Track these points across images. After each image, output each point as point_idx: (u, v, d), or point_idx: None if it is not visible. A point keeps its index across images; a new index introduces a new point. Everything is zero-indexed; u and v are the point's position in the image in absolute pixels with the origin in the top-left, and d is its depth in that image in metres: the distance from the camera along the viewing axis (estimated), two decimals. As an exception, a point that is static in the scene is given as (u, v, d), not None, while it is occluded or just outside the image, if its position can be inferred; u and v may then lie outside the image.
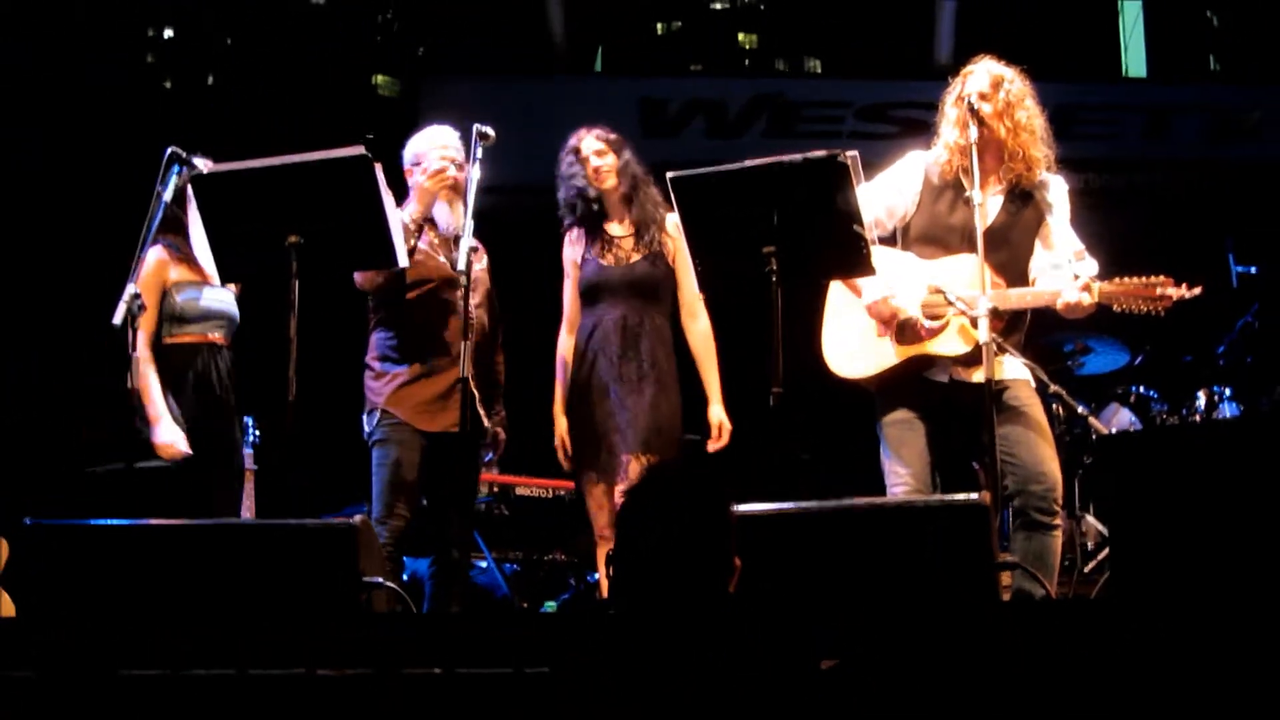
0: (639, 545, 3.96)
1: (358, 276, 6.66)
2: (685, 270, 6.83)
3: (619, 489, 6.64)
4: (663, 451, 6.71)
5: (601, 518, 6.83)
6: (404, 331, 6.72)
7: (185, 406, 6.89)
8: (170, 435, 6.78)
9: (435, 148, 6.79)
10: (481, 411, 6.63)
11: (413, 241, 6.57)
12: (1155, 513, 4.67)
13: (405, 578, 7.65)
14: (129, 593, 5.09)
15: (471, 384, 6.23)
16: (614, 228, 7.03)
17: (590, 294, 6.98)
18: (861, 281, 6.20)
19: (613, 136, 7.05)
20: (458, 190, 6.75)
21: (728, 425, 6.92)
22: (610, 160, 6.98)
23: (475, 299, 6.63)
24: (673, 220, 6.68)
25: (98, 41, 14.05)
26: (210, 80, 15.51)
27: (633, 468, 6.64)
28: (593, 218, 7.03)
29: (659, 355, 6.86)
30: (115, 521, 5.32)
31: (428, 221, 6.74)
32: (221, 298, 7.04)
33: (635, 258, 6.94)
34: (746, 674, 3.65)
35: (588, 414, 6.86)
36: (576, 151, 7.02)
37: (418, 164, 6.78)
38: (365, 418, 6.75)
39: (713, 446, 6.92)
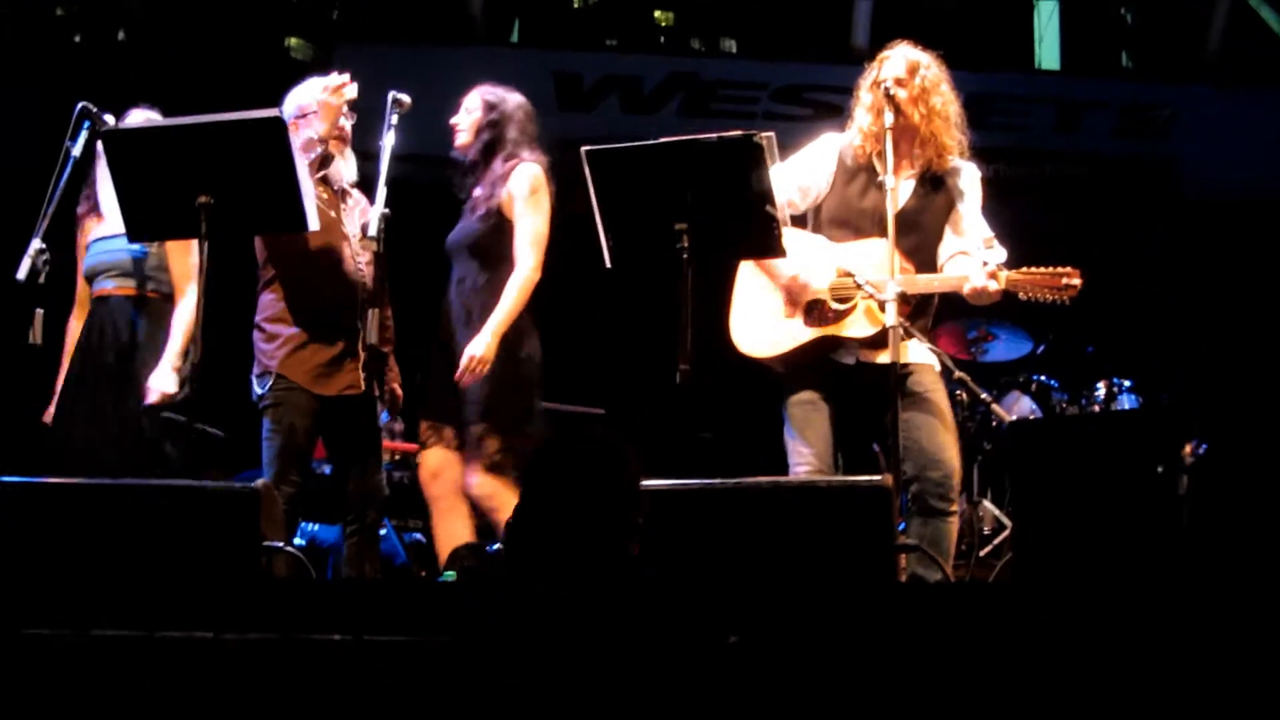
0: (543, 510, 3.97)
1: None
2: (518, 218, 6.68)
3: (454, 455, 6.58)
4: (509, 415, 6.57)
5: (425, 475, 6.76)
6: (295, 292, 6.64)
7: (91, 364, 6.80)
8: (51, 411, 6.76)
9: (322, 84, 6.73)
10: (363, 374, 6.58)
11: (319, 152, 6.60)
12: (1059, 498, 4.74)
13: (303, 543, 7.62)
14: (26, 554, 5.04)
15: (367, 351, 6.27)
16: (477, 184, 6.87)
17: (448, 257, 6.87)
18: (772, 261, 6.22)
19: (490, 99, 6.92)
20: (347, 141, 6.72)
21: (476, 359, 6.46)
22: (477, 119, 6.87)
23: (365, 257, 6.63)
24: (517, 171, 6.70)
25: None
26: (121, 36, 15.32)
27: (468, 435, 6.55)
28: (466, 179, 6.93)
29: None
30: (9, 479, 5.27)
31: (321, 180, 6.69)
32: (116, 247, 6.90)
33: (475, 215, 6.77)
34: (651, 644, 3.67)
35: (435, 379, 6.76)
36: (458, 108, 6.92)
37: (303, 115, 6.68)
38: (255, 380, 6.63)
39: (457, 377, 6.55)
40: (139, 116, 6.92)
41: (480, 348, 6.46)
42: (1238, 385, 11.85)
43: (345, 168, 6.73)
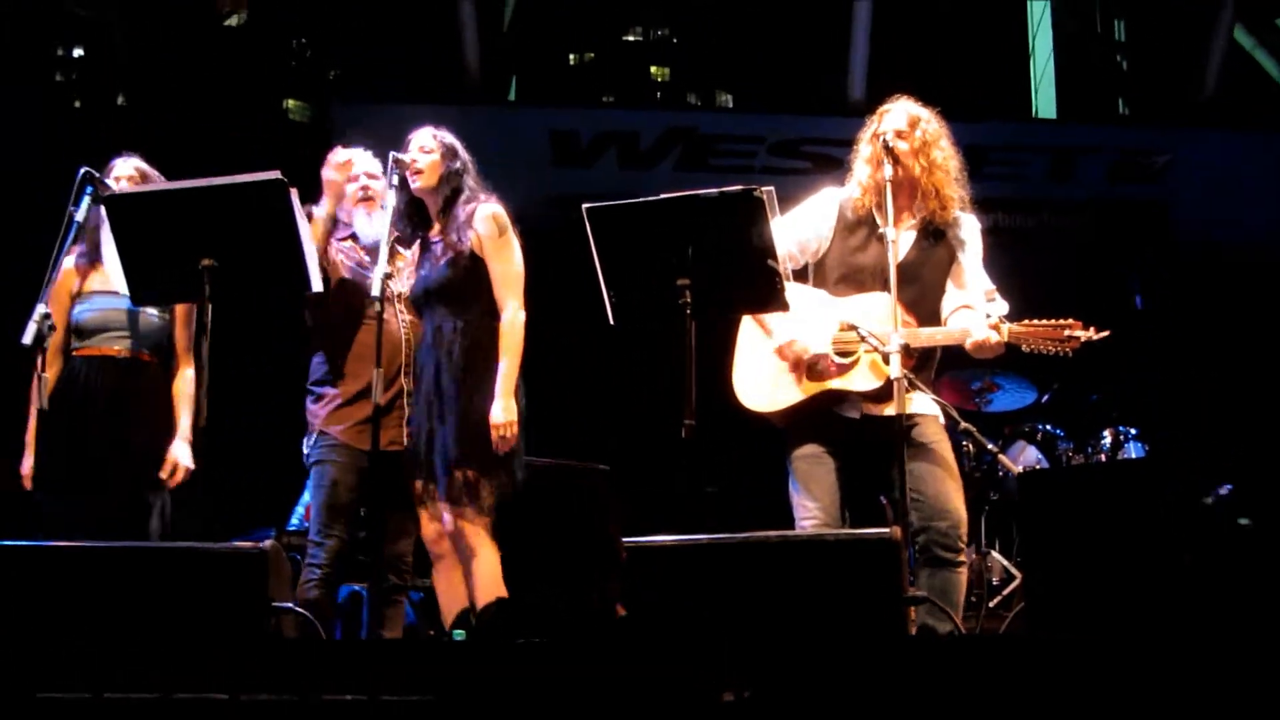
0: (523, 565, 3.98)
1: None
2: (491, 259, 6.53)
3: (444, 507, 6.52)
4: (488, 456, 6.39)
5: (431, 534, 6.59)
6: (336, 352, 6.68)
7: (84, 421, 6.78)
8: (27, 466, 6.72)
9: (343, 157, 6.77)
10: (407, 430, 6.60)
11: (324, 229, 6.61)
12: (1069, 547, 4.74)
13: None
14: (36, 616, 5.04)
15: (398, 410, 6.31)
16: (433, 230, 6.70)
17: (415, 306, 6.71)
18: (771, 319, 6.24)
19: (447, 140, 6.73)
20: (377, 201, 6.72)
21: (502, 428, 6.33)
22: (435, 160, 6.65)
23: (405, 312, 6.69)
24: (479, 211, 6.55)
25: (5, 60, 13.93)
26: (120, 101, 15.39)
27: (450, 483, 6.37)
28: (418, 226, 6.74)
29: (474, 359, 6.47)
30: (13, 543, 5.27)
31: (351, 237, 6.74)
32: (120, 309, 6.87)
33: (442, 260, 6.58)
34: (645, 704, 3.67)
35: (416, 431, 6.60)
36: (406, 147, 6.71)
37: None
38: (305, 441, 6.70)
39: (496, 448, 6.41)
40: (126, 166, 6.93)
41: (501, 414, 6.35)
42: (1231, 428, 11.85)
43: (375, 226, 6.69)
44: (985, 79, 16.72)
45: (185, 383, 6.83)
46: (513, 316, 6.49)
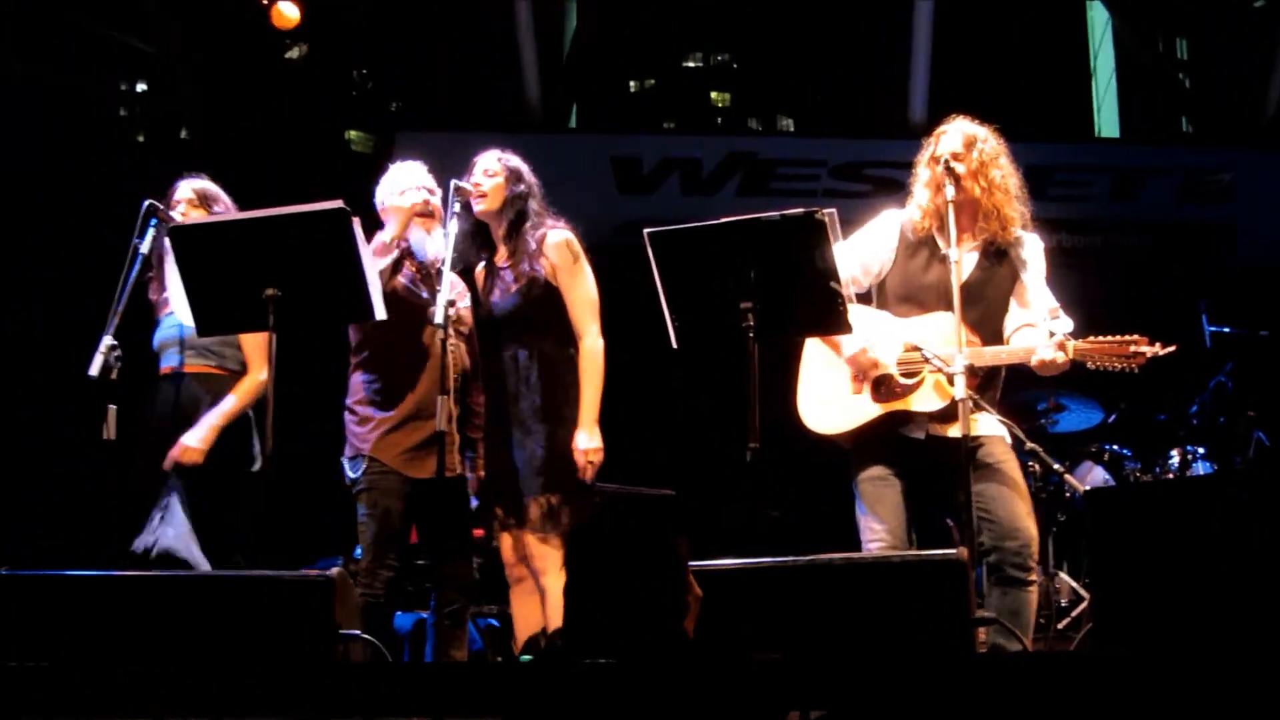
0: (591, 591, 3.97)
1: None
2: (566, 287, 6.64)
3: (526, 533, 6.53)
4: (566, 488, 6.48)
5: (510, 558, 6.67)
6: (383, 373, 6.66)
7: (148, 437, 6.83)
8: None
9: (404, 178, 6.80)
10: (460, 458, 6.63)
11: (394, 256, 6.63)
12: (1138, 566, 4.70)
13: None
14: (103, 643, 5.08)
15: (450, 436, 6.30)
16: (498, 255, 6.79)
17: (484, 332, 6.78)
18: (839, 336, 6.23)
19: (511, 164, 6.80)
20: (435, 217, 6.73)
21: (590, 454, 6.48)
22: (500, 183, 6.72)
23: (458, 337, 6.67)
24: (550, 238, 6.65)
25: (70, 95, 14.04)
26: (183, 134, 15.49)
27: (533, 510, 6.46)
28: (481, 250, 6.83)
29: (553, 387, 6.57)
30: (89, 573, 5.31)
31: (407, 255, 6.74)
32: (173, 324, 6.92)
33: (514, 287, 6.65)
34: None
35: (491, 458, 6.70)
36: (470, 169, 6.77)
37: (382, 210, 6.75)
38: (347, 463, 6.65)
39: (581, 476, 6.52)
40: (185, 189, 6.99)
41: (588, 441, 6.48)
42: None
43: (431, 243, 6.70)
44: (1047, 100, 16.67)
45: (245, 383, 6.90)
46: (593, 344, 6.59)
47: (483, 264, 6.84)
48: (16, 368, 11.50)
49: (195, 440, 6.71)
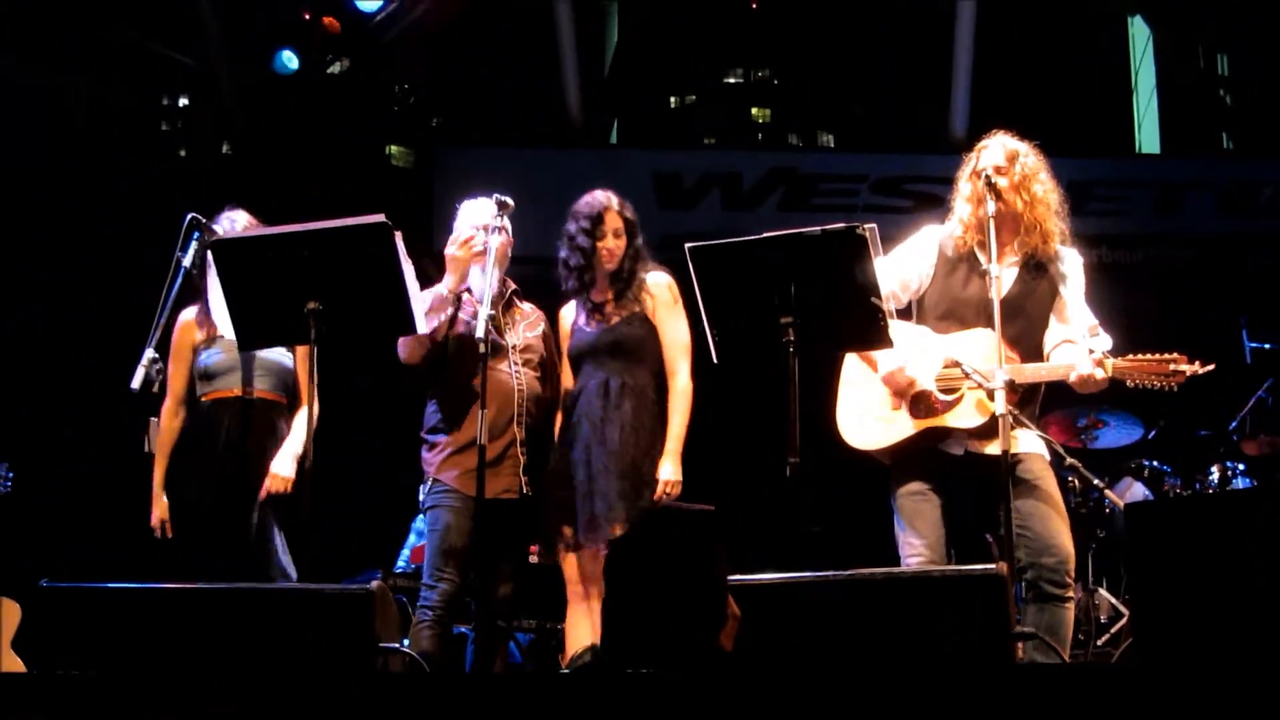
0: (630, 602, 3.99)
1: (401, 350, 6.76)
2: (665, 326, 6.87)
3: (598, 553, 6.57)
4: (638, 508, 6.58)
5: (574, 577, 6.77)
6: (451, 401, 6.80)
7: (217, 462, 6.84)
8: (157, 514, 6.79)
9: (467, 219, 6.86)
10: (524, 479, 6.74)
11: (451, 310, 6.71)
12: (1178, 581, 4.69)
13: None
14: (144, 656, 5.11)
15: (515, 458, 6.65)
16: (598, 292, 6.96)
17: (576, 360, 6.93)
18: (876, 353, 6.23)
19: (630, 216, 6.96)
20: (488, 254, 6.79)
21: (669, 486, 6.65)
22: (624, 243, 6.89)
23: (526, 364, 6.86)
24: (652, 279, 6.84)
25: (113, 110, 14.12)
26: (225, 149, 15.57)
27: (611, 533, 6.53)
28: (585, 287, 6.97)
29: (642, 416, 6.74)
30: (130, 585, 5.35)
31: (466, 290, 6.83)
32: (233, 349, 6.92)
33: (615, 319, 6.87)
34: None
35: (561, 479, 6.76)
36: (598, 221, 6.89)
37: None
38: (421, 488, 6.85)
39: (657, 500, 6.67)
40: (243, 216, 7.00)
41: (672, 473, 6.66)
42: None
43: (482, 279, 6.73)
44: (1088, 115, 16.65)
45: (301, 418, 6.88)
46: (685, 382, 6.83)
47: (576, 299, 7.04)
48: (16, 368, 11.55)
49: (288, 470, 6.77)
